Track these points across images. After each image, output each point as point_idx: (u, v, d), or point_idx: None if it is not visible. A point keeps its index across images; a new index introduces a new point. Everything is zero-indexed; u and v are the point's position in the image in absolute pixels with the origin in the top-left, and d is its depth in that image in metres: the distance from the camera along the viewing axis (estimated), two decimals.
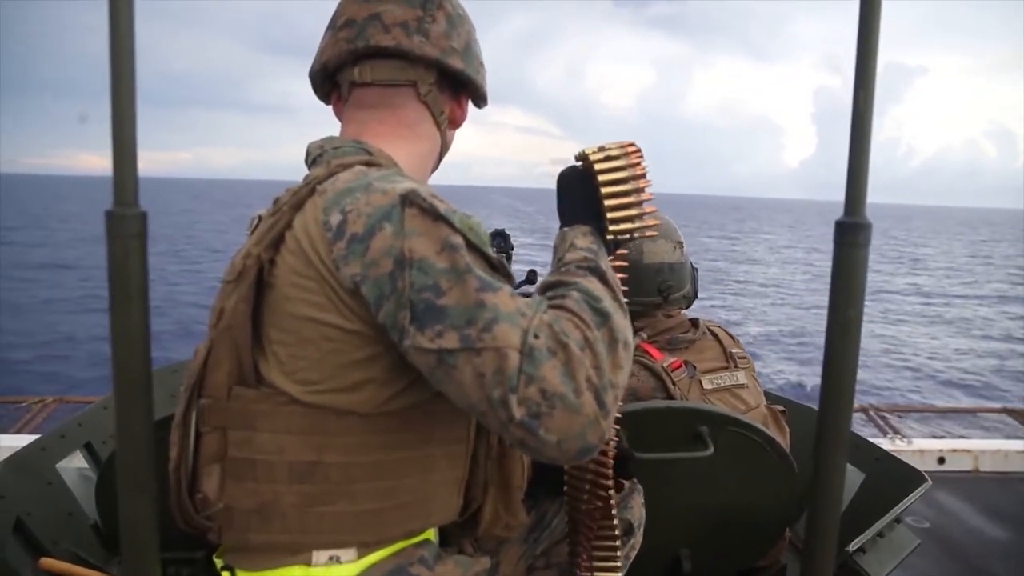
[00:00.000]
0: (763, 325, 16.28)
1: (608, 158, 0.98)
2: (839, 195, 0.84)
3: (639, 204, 0.97)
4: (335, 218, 0.83)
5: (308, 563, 0.89)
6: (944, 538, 2.88)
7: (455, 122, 1.11)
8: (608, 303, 0.81)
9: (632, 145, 0.99)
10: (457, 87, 1.08)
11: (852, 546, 1.54)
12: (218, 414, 0.89)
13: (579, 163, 1.01)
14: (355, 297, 0.81)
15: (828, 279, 0.85)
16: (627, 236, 0.98)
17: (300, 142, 1.02)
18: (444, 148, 1.12)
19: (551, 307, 0.79)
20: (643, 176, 0.98)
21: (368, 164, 0.93)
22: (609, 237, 0.97)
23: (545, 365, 0.72)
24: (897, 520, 1.62)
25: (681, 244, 1.78)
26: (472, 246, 0.80)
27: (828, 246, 0.87)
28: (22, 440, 2.84)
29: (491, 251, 0.82)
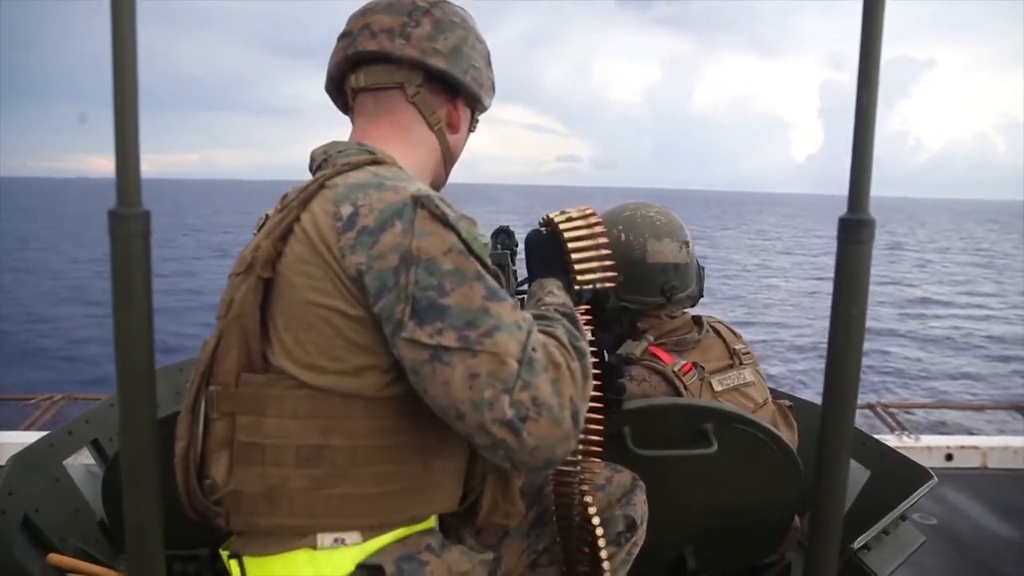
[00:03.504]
0: None
1: (569, 219, 1.13)
2: (845, 189, 0.83)
3: (600, 259, 1.11)
4: (346, 210, 0.88)
5: (313, 546, 0.91)
6: (952, 535, 2.87)
7: (453, 125, 1.13)
8: (584, 344, 0.91)
9: (589, 208, 1.15)
10: (452, 91, 1.11)
11: (857, 543, 1.54)
12: (227, 400, 0.92)
13: (543, 228, 1.16)
14: (357, 285, 0.86)
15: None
16: (591, 287, 1.11)
17: (307, 143, 1.05)
18: (448, 152, 1.14)
19: (541, 331, 0.87)
20: (601, 235, 1.12)
21: (375, 163, 0.98)
22: (576, 288, 1.10)
23: (540, 376, 0.80)
24: (903, 517, 1.61)
25: (687, 243, 1.73)
26: (475, 255, 0.86)
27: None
28: (30, 437, 2.86)
29: (489, 262, 0.89)
